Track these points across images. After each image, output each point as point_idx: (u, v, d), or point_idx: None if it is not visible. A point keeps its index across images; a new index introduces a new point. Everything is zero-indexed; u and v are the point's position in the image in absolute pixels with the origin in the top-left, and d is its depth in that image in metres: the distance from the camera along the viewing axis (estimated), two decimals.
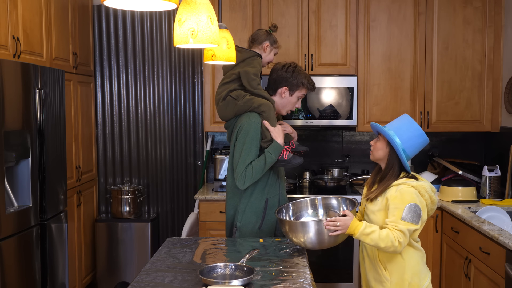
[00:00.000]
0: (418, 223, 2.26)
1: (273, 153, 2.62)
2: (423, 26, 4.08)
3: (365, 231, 2.24)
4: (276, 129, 2.67)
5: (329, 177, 4.26)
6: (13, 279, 2.91)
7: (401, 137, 2.34)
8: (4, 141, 2.82)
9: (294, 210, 2.64)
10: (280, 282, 2.04)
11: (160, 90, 4.56)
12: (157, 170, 4.61)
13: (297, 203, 2.65)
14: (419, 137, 2.36)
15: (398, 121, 2.41)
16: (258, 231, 2.73)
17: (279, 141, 2.64)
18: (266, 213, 2.74)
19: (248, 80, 2.73)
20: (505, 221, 3.26)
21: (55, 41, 3.67)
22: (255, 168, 2.61)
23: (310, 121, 4.05)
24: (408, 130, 2.35)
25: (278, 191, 2.81)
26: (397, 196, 2.29)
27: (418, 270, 2.37)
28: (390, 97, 4.13)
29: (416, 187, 2.30)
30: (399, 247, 2.23)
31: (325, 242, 2.35)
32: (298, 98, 2.83)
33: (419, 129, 2.36)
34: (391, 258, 2.35)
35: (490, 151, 4.31)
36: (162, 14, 4.50)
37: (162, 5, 1.65)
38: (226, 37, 2.67)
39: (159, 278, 2.10)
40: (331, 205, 2.62)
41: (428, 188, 2.33)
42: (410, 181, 2.32)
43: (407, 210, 2.25)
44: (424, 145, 2.39)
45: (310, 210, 2.64)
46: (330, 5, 4.09)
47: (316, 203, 2.65)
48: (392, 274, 2.35)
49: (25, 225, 3.04)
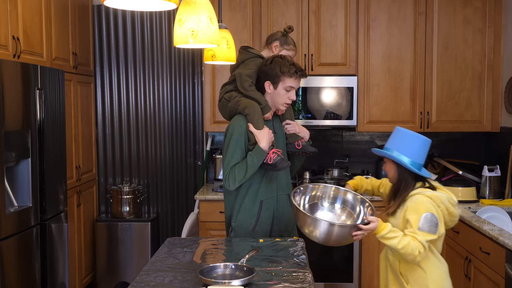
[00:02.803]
0: (435, 232, 2.22)
1: (255, 156, 2.54)
2: (423, 26, 4.08)
3: (387, 235, 2.20)
4: (261, 131, 2.57)
5: (329, 177, 4.25)
6: (13, 279, 2.91)
7: (406, 152, 2.30)
8: (4, 141, 2.82)
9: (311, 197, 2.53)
10: (280, 282, 2.04)
11: (160, 90, 4.56)
12: (157, 170, 4.61)
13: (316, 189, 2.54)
14: (422, 145, 2.32)
15: (396, 138, 2.37)
16: (252, 232, 2.71)
17: (261, 144, 2.55)
18: (261, 215, 2.69)
19: (241, 81, 2.69)
20: (505, 221, 3.26)
21: (55, 41, 3.67)
22: (238, 170, 2.57)
23: (310, 121, 4.04)
24: (409, 144, 2.32)
25: (275, 193, 2.71)
26: (412, 207, 2.26)
27: (441, 285, 2.32)
28: (390, 97, 4.13)
29: (431, 197, 2.26)
30: (418, 257, 2.19)
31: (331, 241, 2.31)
32: (286, 89, 2.62)
33: (418, 137, 2.32)
34: (413, 271, 2.31)
35: (490, 151, 4.31)
36: (162, 14, 4.50)
37: (162, 5, 1.65)
38: (226, 37, 2.67)
39: (159, 278, 2.10)
40: (348, 201, 2.53)
41: (444, 199, 2.28)
42: (425, 191, 2.29)
43: (423, 220, 2.21)
44: (428, 146, 2.35)
45: (326, 203, 2.54)
46: (330, 5, 4.09)
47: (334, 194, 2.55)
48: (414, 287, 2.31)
49: (25, 225, 3.04)
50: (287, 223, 2.79)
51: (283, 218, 2.77)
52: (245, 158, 2.60)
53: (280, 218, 2.76)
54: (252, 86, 2.69)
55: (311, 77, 4.05)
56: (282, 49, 2.85)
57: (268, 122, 2.72)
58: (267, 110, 2.65)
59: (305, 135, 2.80)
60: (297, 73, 2.60)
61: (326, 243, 2.33)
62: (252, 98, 2.65)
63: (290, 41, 2.89)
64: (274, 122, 2.75)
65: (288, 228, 2.80)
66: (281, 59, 2.63)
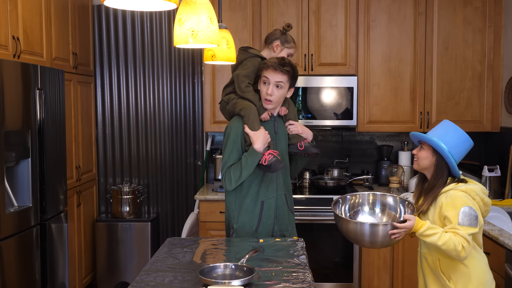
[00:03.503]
0: (476, 225, 2.19)
1: (249, 157, 2.56)
2: (423, 26, 4.08)
3: (425, 232, 2.18)
4: (255, 133, 2.58)
5: (329, 177, 4.26)
6: (13, 279, 2.91)
7: (448, 143, 2.29)
8: (4, 141, 2.82)
9: (351, 205, 2.57)
10: (280, 282, 2.04)
11: (160, 90, 4.56)
12: (157, 170, 4.60)
13: (355, 197, 2.57)
14: (465, 142, 2.32)
15: (442, 128, 2.36)
16: (255, 233, 2.71)
17: (255, 145, 2.55)
18: (263, 216, 2.70)
19: (238, 83, 2.70)
20: (505, 221, 3.26)
21: (55, 41, 3.67)
22: (233, 171, 2.60)
23: (310, 121, 4.04)
24: (454, 136, 2.31)
25: (275, 192, 2.72)
26: (449, 203, 2.24)
27: (485, 280, 2.29)
28: (390, 97, 4.13)
29: (466, 191, 2.24)
30: (462, 252, 2.16)
31: (378, 243, 2.33)
32: (263, 83, 2.60)
33: (464, 134, 2.32)
34: (455, 268, 2.28)
35: (490, 151, 4.31)
36: (162, 14, 4.50)
37: (162, 5, 1.65)
38: (226, 37, 2.67)
39: (159, 278, 2.10)
40: (388, 203, 2.55)
41: (478, 191, 2.27)
42: (459, 186, 2.27)
43: (462, 214, 2.19)
44: (469, 149, 2.34)
45: (366, 207, 2.57)
46: (330, 5, 4.09)
47: (373, 199, 2.57)
48: (457, 284, 2.27)
49: (25, 225, 3.04)
50: (287, 222, 2.80)
51: (283, 218, 2.77)
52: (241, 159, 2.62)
53: (280, 217, 2.76)
54: (249, 87, 2.70)
55: (311, 77, 4.05)
56: (283, 47, 2.82)
57: (269, 122, 2.72)
58: (262, 111, 2.66)
59: (308, 136, 2.78)
60: (270, 66, 2.56)
61: (372, 245, 2.37)
62: (248, 99, 2.67)
63: (290, 39, 2.87)
64: (276, 123, 2.74)
65: (289, 228, 2.81)
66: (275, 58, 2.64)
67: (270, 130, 2.69)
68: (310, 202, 3.85)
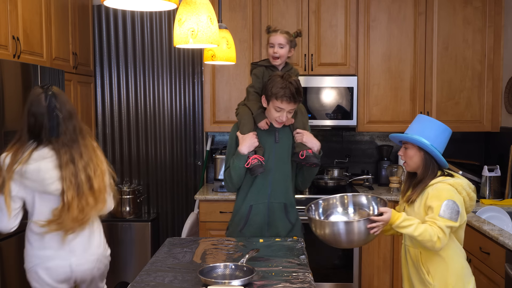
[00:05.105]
0: (456, 220, 2.22)
1: (236, 159, 2.66)
2: (423, 26, 4.08)
3: (402, 224, 2.22)
4: (243, 136, 2.67)
5: (329, 177, 4.26)
6: (13, 279, 2.91)
7: (428, 137, 2.32)
8: (4, 141, 2.82)
9: (324, 207, 2.60)
10: (280, 282, 2.04)
11: (160, 90, 4.56)
12: (157, 170, 4.60)
13: (327, 200, 2.61)
14: (444, 132, 2.35)
15: (418, 123, 2.39)
16: (239, 233, 2.80)
17: (240, 147, 2.64)
18: (249, 219, 2.76)
19: (246, 95, 2.86)
20: (505, 221, 3.26)
21: (55, 41, 3.67)
22: (227, 173, 2.74)
23: (310, 121, 4.04)
24: (432, 129, 2.34)
25: (266, 199, 2.74)
26: (434, 194, 2.27)
27: (463, 274, 2.33)
28: (390, 97, 4.13)
29: (453, 185, 2.28)
30: (437, 243, 2.19)
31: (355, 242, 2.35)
32: (275, 109, 2.61)
33: (441, 124, 2.36)
34: (434, 261, 2.32)
35: (490, 151, 4.31)
36: (162, 14, 4.50)
37: (162, 5, 1.65)
38: (226, 37, 2.67)
39: (159, 278, 2.10)
40: (360, 203, 2.58)
41: (465, 185, 2.31)
42: (446, 179, 2.30)
43: (444, 206, 2.23)
44: (449, 137, 2.38)
45: (340, 208, 2.60)
46: (330, 5, 4.09)
47: (345, 200, 2.61)
48: (435, 278, 2.31)
49: (25, 225, 3.03)
50: (284, 232, 2.80)
51: (276, 226, 2.78)
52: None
53: (273, 225, 2.78)
54: (254, 95, 2.80)
55: (311, 77, 4.05)
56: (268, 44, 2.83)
57: (270, 132, 2.73)
58: (259, 118, 2.70)
59: (313, 146, 2.72)
60: (284, 97, 2.56)
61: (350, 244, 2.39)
62: (248, 107, 2.76)
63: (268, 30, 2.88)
64: (277, 133, 2.73)
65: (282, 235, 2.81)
66: (280, 78, 2.60)
67: (269, 139, 2.72)
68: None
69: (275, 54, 2.77)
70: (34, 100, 2.39)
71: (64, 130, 2.40)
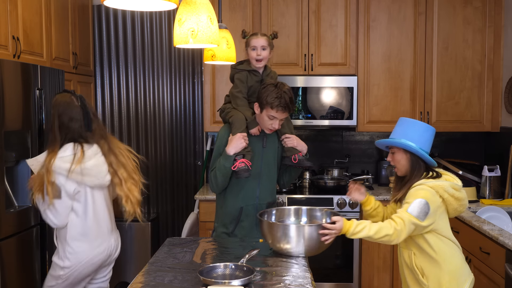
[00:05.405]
0: (422, 220, 2.23)
1: (222, 159, 2.70)
2: (423, 26, 4.08)
3: (355, 230, 2.23)
4: (231, 137, 2.72)
5: (329, 177, 4.26)
6: (13, 279, 2.91)
7: (412, 139, 2.34)
8: (4, 141, 2.82)
9: (277, 215, 2.64)
10: (280, 282, 2.04)
11: (160, 90, 4.56)
12: (157, 170, 4.60)
13: (281, 210, 2.66)
14: (427, 131, 2.37)
15: (400, 126, 2.41)
16: (231, 234, 2.84)
17: (227, 148, 2.68)
18: (240, 220, 2.81)
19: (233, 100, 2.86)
20: (505, 221, 3.26)
21: (55, 41, 3.67)
22: (213, 173, 2.75)
23: (310, 121, 4.05)
24: (414, 130, 2.36)
25: (255, 201, 2.81)
26: (412, 193, 2.29)
27: (457, 274, 2.33)
28: (390, 97, 4.13)
29: (433, 187, 2.29)
30: (394, 236, 2.22)
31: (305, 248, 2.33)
32: (269, 117, 2.66)
33: (423, 124, 2.38)
34: (427, 262, 2.33)
35: (490, 151, 4.31)
36: (162, 14, 4.50)
37: (162, 5, 1.65)
38: (226, 37, 2.67)
39: (159, 278, 2.10)
40: (314, 215, 2.63)
41: (447, 187, 2.30)
42: (428, 181, 2.31)
43: (415, 203, 2.24)
44: (433, 134, 2.39)
45: (292, 218, 2.65)
46: (330, 5, 4.09)
47: (299, 212, 2.67)
48: (429, 278, 2.33)
49: (25, 225, 3.04)
50: None
51: None
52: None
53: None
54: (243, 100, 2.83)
55: (311, 77, 4.05)
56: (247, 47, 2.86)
57: (258, 137, 2.80)
58: (251, 125, 2.76)
59: (303, 149, 2.84)
60: (279, 107, 2.61)
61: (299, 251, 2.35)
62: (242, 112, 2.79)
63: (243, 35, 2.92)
64: (265, 138, 2.81)
65: None
66: (274, 87, 2.65)
67: (258, 144, 2.80)
68: (310, 202, 3.85)
69: (258, 56, 2.81)
70: (67, 102, 2.66)
71: (96, 126, 2.70)
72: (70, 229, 2.66)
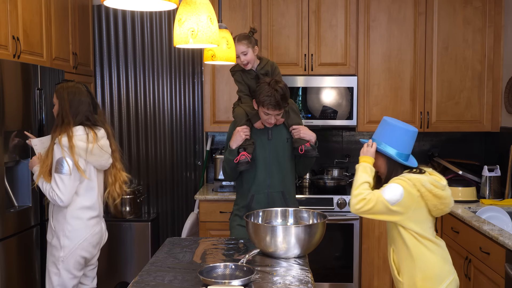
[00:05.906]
0: (392, 204, 2.21)
1: (227, 153, 2.90)
2: (423, 26, 4.08)
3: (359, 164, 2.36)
4: (234, 132, 2.89)
5: (329, 177, 4.26)
6: (13, 279, 2.92)
7: (391, 143, 2.33)
8: (4, 141, 2.82)
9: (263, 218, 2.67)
10: (280, 282, 2.04)
11: (160, 90, 4.56)
12: (157, 170, 4.60)
13: (268, 211, 2.70)
14: (406, 134, 2.33)
15: (380, 129, 2.40)
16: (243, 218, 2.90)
17: (230, 143, 2.87)
18: (251, 208, 2.91)
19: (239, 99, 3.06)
20: (505, 221, 3.26)
21: (55, 41, 3.67)
22: (223, 165, 2.96)
23: (310, 121, 4.05)
24: (392, 133, 2.34)
25: (267, 189, 2.92)
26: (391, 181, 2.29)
27: (433, 274, 2.28)
28: (390, 97, 4.13)
29: (411, 179, 2.25)
30: (366, 200, 2.22)
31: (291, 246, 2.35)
32: (264, 114, 2.79)
33: (402, 126, 2.34)
34: (403, 259, 2.32)
35: (490, 151, 4.31)
36: (162, 14, 4.50)
37: (162, 5, 1.65)
38: (226, 37, 2.67)
39: (159, 278, 2.10)
40: (301, 217, 2.69)
41: (425, 182, 2.24)
42: (405, 174, 2.29)
43: (390, 187, 2.24)
44: (414, 136, 2.36)
45: (279, 220, 2.69)
46: (330, 5, 4.09)
47: (287, 213, 2.72)
48: (403, 276, 2.32)
49: (25, 225, 3.04)
50: None
51: None
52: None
53: None
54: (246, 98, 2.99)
55: (311, 77, 4.05)
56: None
57: (263, 130, 2.93)
58: (254, 119, 2.91)
59: (311, 138, 2.92)
60: (270, 105, 2.73)
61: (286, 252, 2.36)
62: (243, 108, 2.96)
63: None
64: (270, 131, 2.93)
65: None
66: (267, 85, 2.76)
67: (263, 137, 2.92)
68: (310, 202, 3.85)
69: (243, 62, 2.94)
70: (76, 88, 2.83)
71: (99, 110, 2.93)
72: (71, 207, 2.75)
